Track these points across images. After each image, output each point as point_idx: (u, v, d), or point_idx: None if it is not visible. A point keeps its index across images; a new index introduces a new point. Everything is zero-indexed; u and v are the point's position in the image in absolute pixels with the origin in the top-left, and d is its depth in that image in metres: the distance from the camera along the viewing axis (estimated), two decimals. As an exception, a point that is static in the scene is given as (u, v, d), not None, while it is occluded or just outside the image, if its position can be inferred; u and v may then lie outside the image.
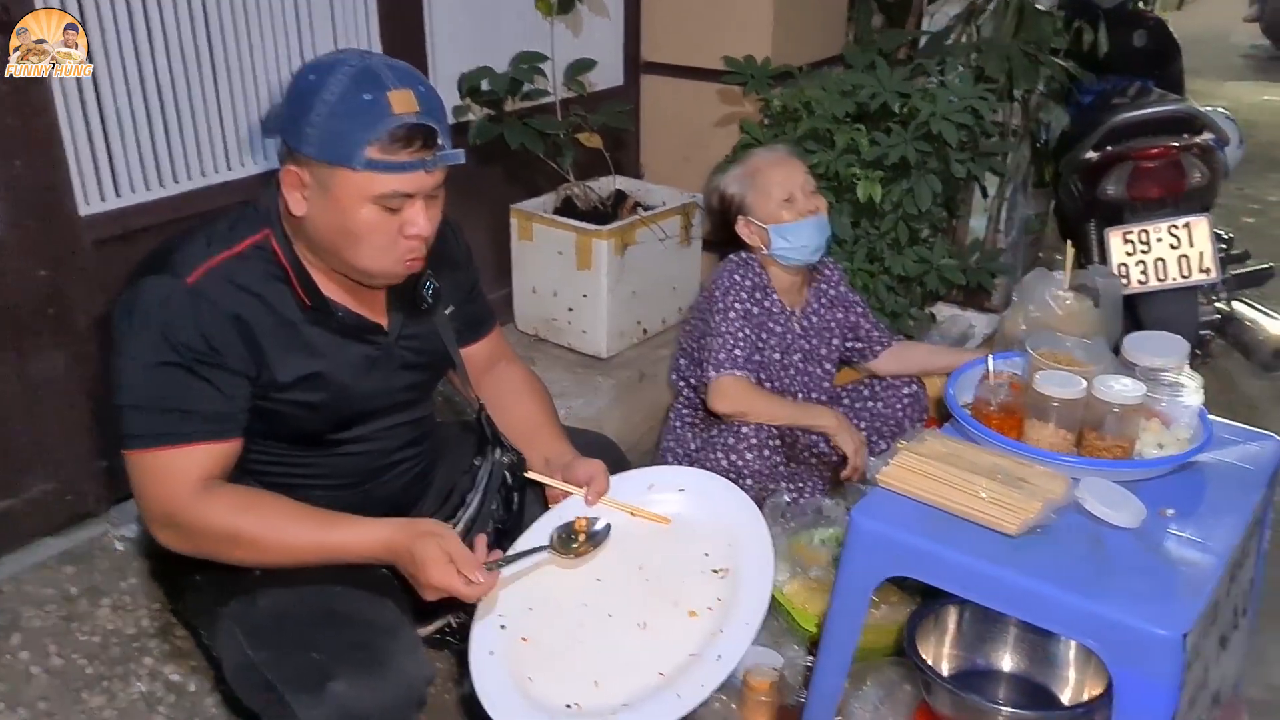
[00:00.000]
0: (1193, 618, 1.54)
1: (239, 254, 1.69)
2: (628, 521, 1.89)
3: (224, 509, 1.63)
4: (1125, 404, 1.85)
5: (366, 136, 1.57)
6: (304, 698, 1.58)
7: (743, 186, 2.54)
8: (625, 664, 1.72)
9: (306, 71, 1.62)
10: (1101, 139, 3.19)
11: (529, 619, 1.78)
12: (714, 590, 1.81)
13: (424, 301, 1.90)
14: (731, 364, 2.40)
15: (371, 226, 1.64)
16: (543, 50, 3.05)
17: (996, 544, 1.69)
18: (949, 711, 1.79)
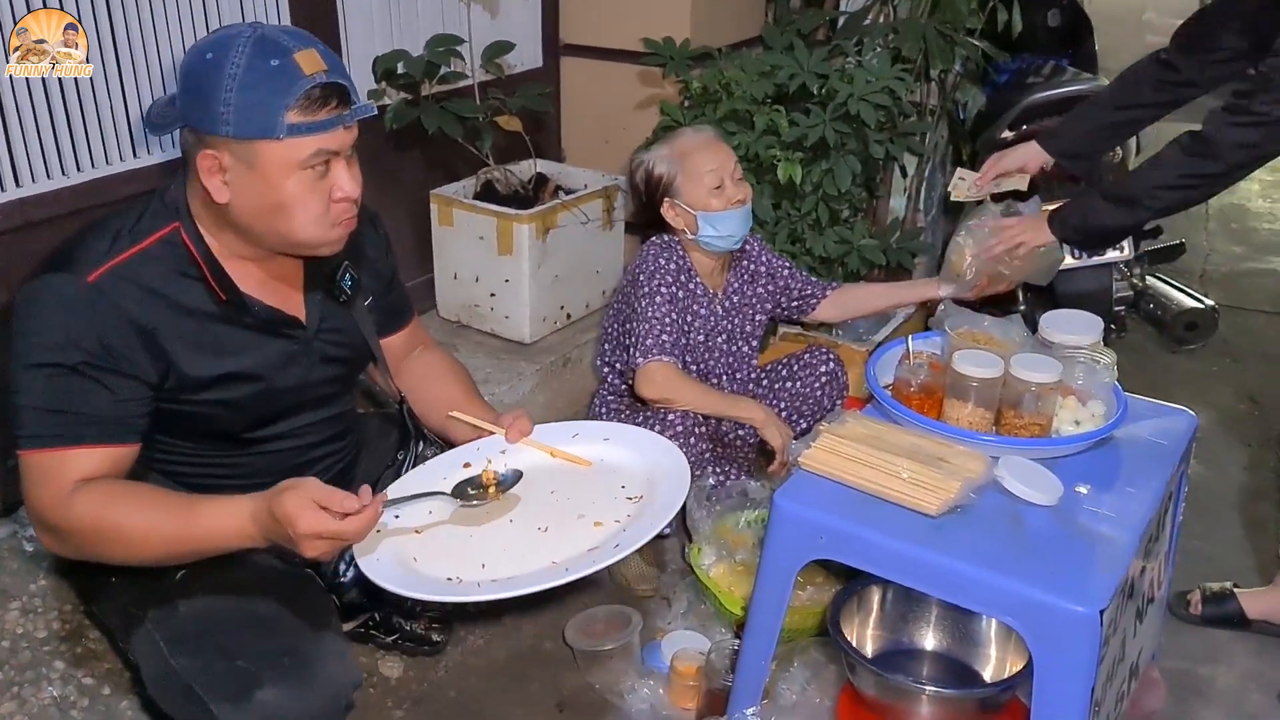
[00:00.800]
0: (1109, 594, 1.57)
1: (145, 250, 1.64)
2: (546, 461, 1.85)
3: (87, 505, 1.56)
4: (1042, 383, 1.88)
5: (284, 102, 1.54)
6: (228, 707, 1.55)
7: (672, 168, 2.49)
8: (518, 554, 1.65)
9: (201, 52, 1.57)
10: (1016, 118, 3.23)
11: (426, 518, 1.72)
12: (624, 509, 1.74)
13: (342, 293, 1.86)
14: (659, 350, 2.38)
15: (302, 195, 1.61)
16: (459, 33, 3.00)
17: (917, 525, 1.70)
18: (873, 691, 1.80)
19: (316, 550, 1.47)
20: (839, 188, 2.89)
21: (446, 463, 1.85)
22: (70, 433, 1.57)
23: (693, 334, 2.53)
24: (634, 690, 2.20)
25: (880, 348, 2.21)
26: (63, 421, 1.57)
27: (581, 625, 2.30)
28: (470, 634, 2.35)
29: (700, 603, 2.41)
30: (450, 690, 2.21)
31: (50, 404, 1.57)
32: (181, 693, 1.60)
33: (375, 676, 2.21)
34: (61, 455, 1.57)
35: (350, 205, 1.68)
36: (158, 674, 1.64)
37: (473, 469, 1.81)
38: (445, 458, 1.87)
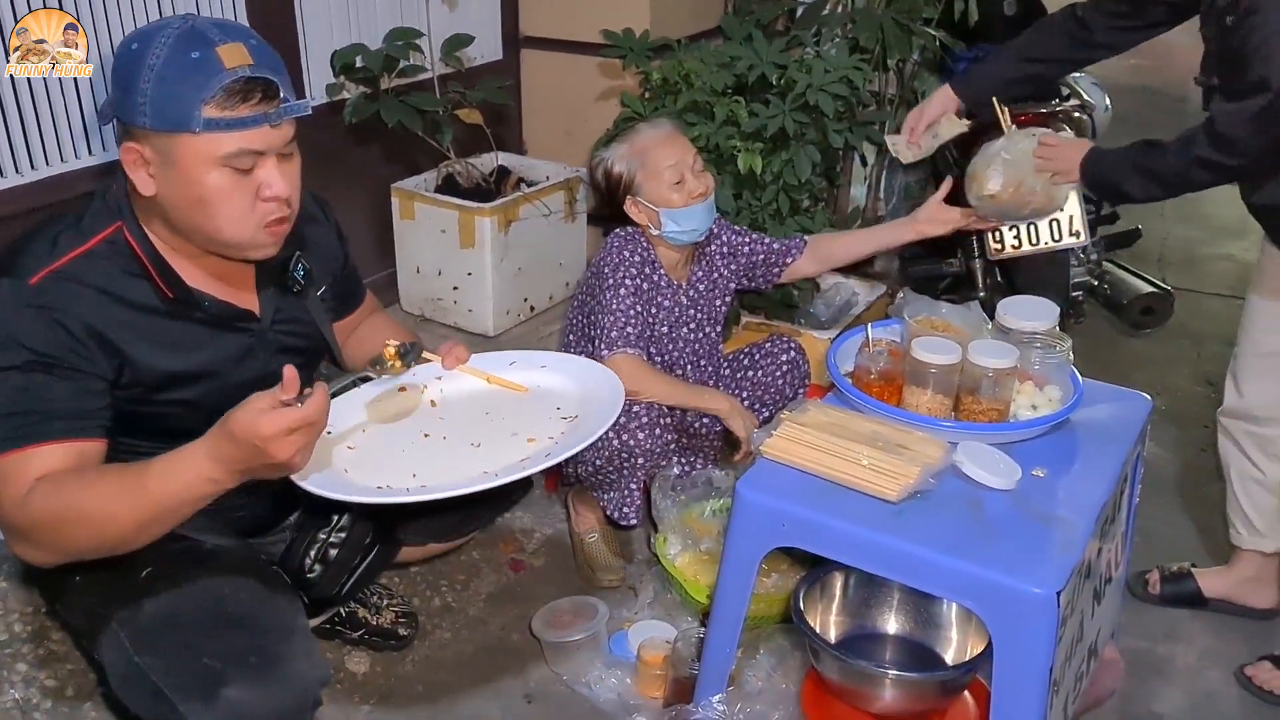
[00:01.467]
0: (1065, 576, 1.59)
1: (89, 251, 1.61)
2: (483, 387, 1.86)
3: (42, 497, 1.50)
4: (999, 368, 1.90)
5: (200, 95, 1.50)
6: (196, 706, 1.54)
7: (631, 166, 2.47)
8: (450, 466, 1.66)
9: (129, 42, 1.54)
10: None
11: (360, 436, 1.73)
12: (559, 427, 1.76)
13: (295, 283, 1.84)
14: (624, 342, 2.38)
15: (223, 191, 1.57)
16: (418, 26, 3.00)
17: (878, 511, 1.72)
18: (836, 676, 1.82)
19: (290, 449, 1.41)
20: (799, 177, 2.90)
21: (381, 387, 1.84)
22: (27, 432, 1.53)
23: (657, 325, 2.54)
24: (601, 680, 2.21)
25: (841, 336, 2.22)
26: (17, 423, 1.53)
27: (548, 617, 2.31)
28: (437, 628, 2.35)
29: (666, 592, 2.43)
30: (418, 684, 2.21)
31: (9, 408, 1.53)
32: (148, 692, 1.58)
33: (342, 672, 2.21)
34: (21, 455, 1.53)
35: (280, 205, 1.63)
36: (124, 674, 1.63)
37: (408, 394, 1.81)
38: (380, 382, 1.85)
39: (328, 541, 1.98)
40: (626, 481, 2.39)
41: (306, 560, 1.97)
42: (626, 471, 2.36)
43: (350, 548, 1.99)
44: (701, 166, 2.51)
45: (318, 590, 1.97)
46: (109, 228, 1.64)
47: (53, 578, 1.78)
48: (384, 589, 2.35)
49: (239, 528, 1.92)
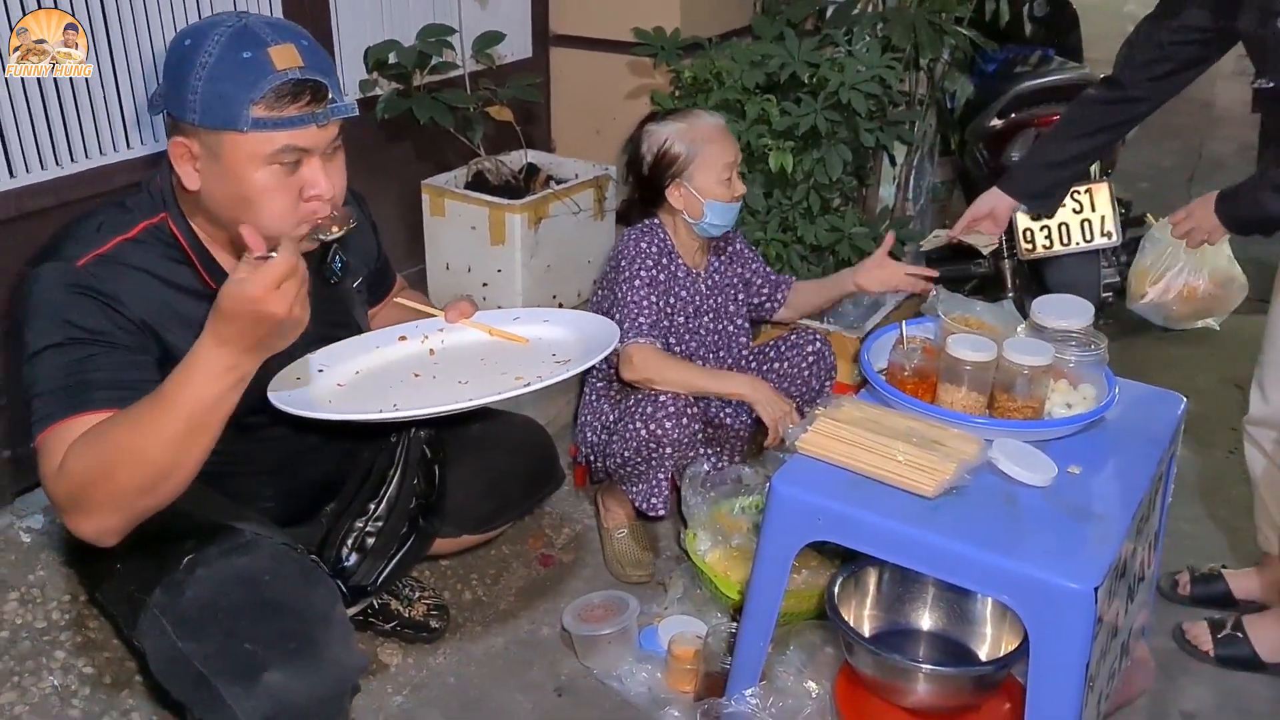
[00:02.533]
0: (1103, 571, 1.59)
1: (133, 238, 1.64)
2: (485, 339, 1.90)
3: (74, 455, 1.50)
4: (1034, 366, 1.90)
5: (250, 95, 1.53)
6: (237, 689, 1.55)
7: (690, 151, 2.46)
8: (434, 397, 1.70)
9: (182, 38, 1.57)
10: (1005, 106, 3.25)
11: (352, 376, 1.76)
12: (550, 369, 1.78)
13: (333, 275, 1.86)
14: (636, 332, 2.39)
15: (268, 189, 1.59)
16: (450, 23, 3.01)
17: (914, 506, 1.73)
18: (870, 671, 1.83)
19: (284, 301, 1.40)
20: (830, 176, 2.91)
21: (382, 336, 1.88)
22: (69, 404, 1.54)
23: (676, 315, 2.54)
24: (632, 674, 2.22)
25: (873, 333, 2.23)
26: (60, 398, 1.54)
27: (578, 611, 2.31)
28: (468, 621, 2.36)
29: (696, 588, 2.43)
30: (449, 676, 2.22)
31: (57, 384, 1.55)
32: (191, 677, 1.60)
33: (375, 663, 2.22)
34: (68, 424, 1.53)
35: (323, 205, 1.65)
36: (165, 658, 1.64)
37: (408, 343, 1.86)
38: (381, 332, 1.89)
39: (364, 531, 2.00)
40: (654, 472, 2.39)
41: (344, 549, 1.99)
42: (654, 462, 2.36)
43: (386, 537, 2.01)
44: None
45: (354, 579, 1.98)
46: (153, 217, 1.67)
47: (93, 565, 1.81)
48: (416, 582, 2.36)
49: (276, 518, 1.94)
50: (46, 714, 1.97)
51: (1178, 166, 5.62)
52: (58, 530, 2.29)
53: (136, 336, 1.61)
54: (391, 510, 2.03)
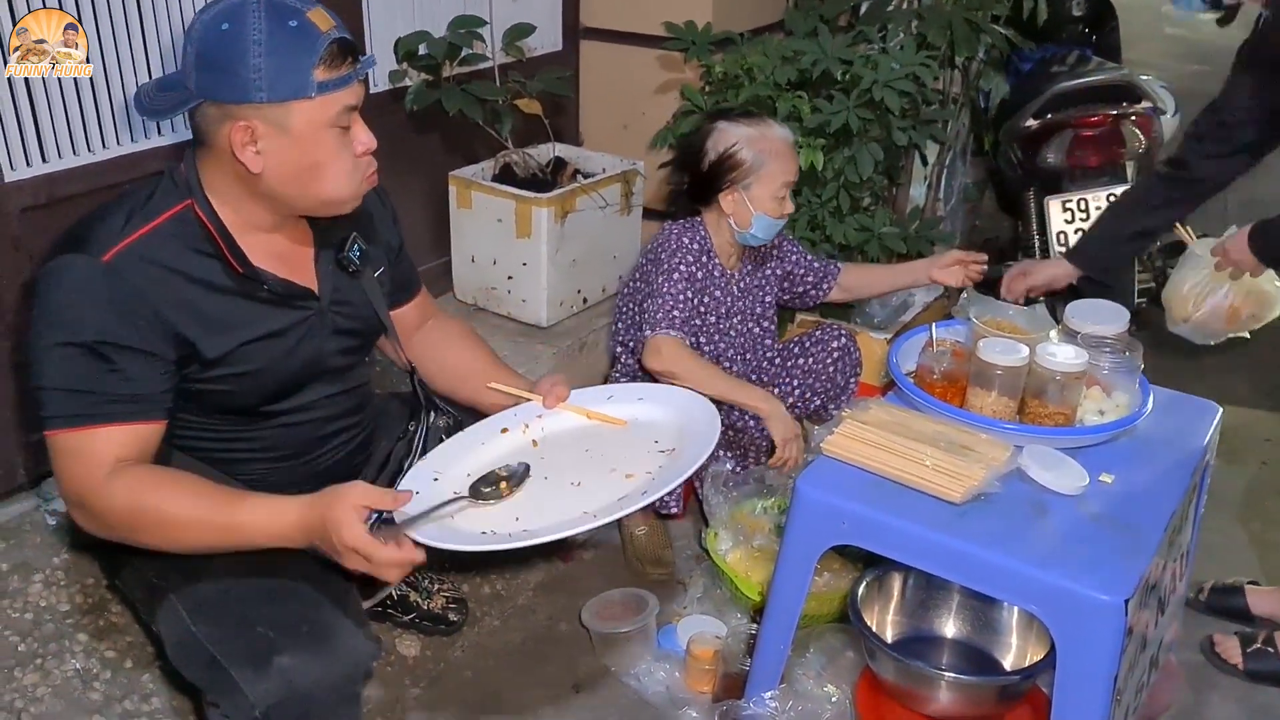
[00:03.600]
0: (1134, 583, 1.56)
1: (158, 227, 1.63)
2: (583, 422, 1.88)
3: (126, 491, 1.56)
4: (1067, 372, 1.87)
5: (310, 61, 1.55)
6: (249, 673, 1.56)
7: (756, 160, 2.44)
8: (551, 507, 1.67)
9: (214, 25, 1.56)
10: (1042, 107, 3.22)
11: (465, 481, 1.73)
12: (656, 461, 1.75)
13: (351, 264, 1.85)
14: (668, 324, 2.37)
15: (334, 151, 1.63)
16: (480, 15, 2.99)
17: (941, 511, 1.70)
18: (892, 677, 1.80)
19: (358, 566, 1.52)
20: (861, 175, 2.88)
21: (484, 430, 1.86)
22: (96, 411, 1.57)
23: (707, 315, 2.53)
24: (650, 673, 2.20)
25: (902, 335, 2.20)
26: (87, 401, 1.56)
27: (597, 608, 2.30)
28: (486, 615, 2.36)
29: (716, 588, 2.41)
30: (466, 670, 2.21)
31: (73, 384, 1.56)
32: (204, 661, 1.60)
33: (393, 655, 2.22)
34: (90, 434, 1.57)
35: (371, 159, 1.70)
36: (180, 643, 1.65)
37: (510, 435, 1.85)
38: (483, 426, 1.88)
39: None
40: None
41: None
42: None
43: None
44: None
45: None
46: (178, 205, 1.66)
47: (113, 552, 1.81)
48: (435, 575, 2.35)
49: None
50: (68, 696, 1.97)
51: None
52: (80, 515, 2.30)
53: (156, 336, 1.61)
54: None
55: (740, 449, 2.63)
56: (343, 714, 1.66)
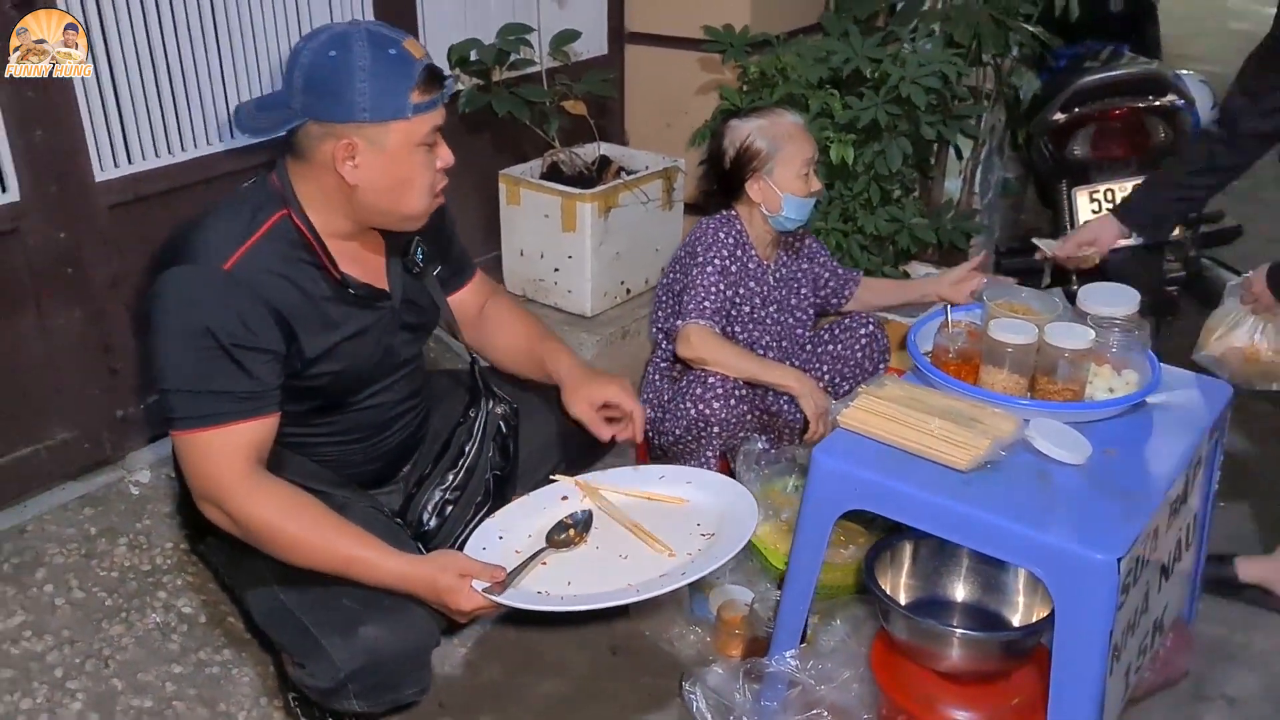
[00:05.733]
0: (1127, 544, 1.66)
1: (264, 236, 1.81)
2: (642, 503, 2.12)
3: (270, 508, 1.74)
4: (1075, 349, 1.97)
5: (407, 85, 1.74)
6: (338, 640, 1.75)
7: (771, 146, 2.58)
8: (599, 574, 1.90)
9: (324, 50, 1.74)
10: (1068, 101, 3.29)
11: (526, 541, 1.97)
12: (696, 543, 1.99)
13: (415, 265, 2.03)
14: (699, 314, 2.50)
15: (421, 168, 1.82)
16: (528, 22, 3.15)
17: (948, 479, 1.81)
18: (905, 636, 1.91)
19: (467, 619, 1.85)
20: (890, 168, 2.98)
21: (547, 495, 2.15)
22: (228, 409, 1.74)
23: (743, 305, 2.65)
24: (682, 636, 2.33)
25: (922, 318, 2.31)
26: (219, 400, 1.74)
27: (635, 577, 2.43)
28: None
29: (747, 559, 2.52)
30: (510, 632, 2.35)
31: (205, 385, 1.74)
32: (294, 627, 1.80)
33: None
34: (223, 431, 1.74)
35: (445, 177, 1.89)
36: (268, 608, 1.85)
37: (570, 501, 2.12)
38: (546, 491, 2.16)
39: (444, 499, 2.16)
40: (704, 450, 2.51)
41: (424, 514, 2.14)
42: (704, 440, 2.48)
43: (464, 505, 2.17)
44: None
45: (434, 542, 2.13)
46: (275, 215, 1.84)
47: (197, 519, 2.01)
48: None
49: (358, 480, 2.11)
50: (149, 646, 2.15)
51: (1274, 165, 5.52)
52: (163, 484, 2.49)
53: (273, 336, 1.79)
54: (469, 480, 2.19)
55: (775, 432, 2.75)
56: (415, 680, 1.88)
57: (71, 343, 2.40)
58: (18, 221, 2.26)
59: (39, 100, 2.23)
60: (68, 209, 2.33)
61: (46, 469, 2.44)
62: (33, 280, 2.32)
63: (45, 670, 2.05)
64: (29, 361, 2.35)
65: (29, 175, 2.26)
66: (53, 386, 2.40)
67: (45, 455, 2.43)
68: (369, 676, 1.78)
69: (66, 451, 2.46)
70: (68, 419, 2.45)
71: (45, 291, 2.34)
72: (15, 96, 2.19)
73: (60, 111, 2.27)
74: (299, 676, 1.85)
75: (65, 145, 2.30)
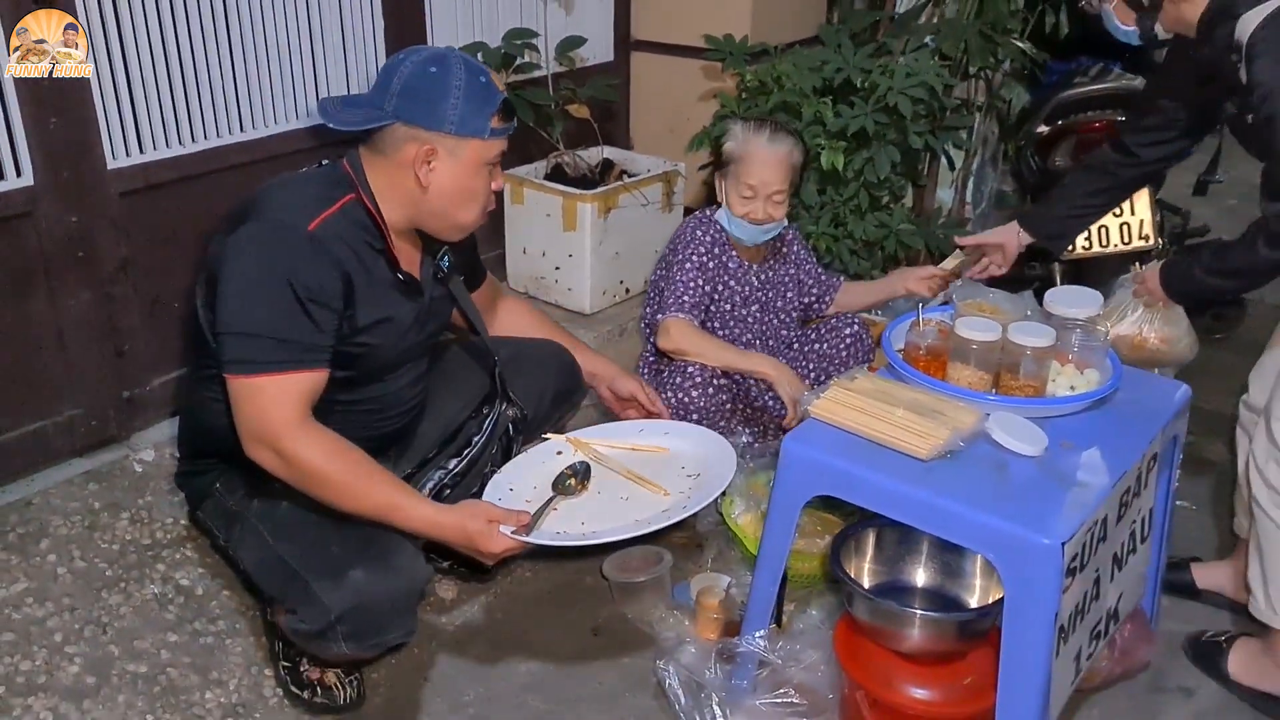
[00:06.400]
0: (1072, 529, 1.73)
1: (340, 211, 1.96)
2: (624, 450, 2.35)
3: (320, 451, 1.88)
4: (1037, 347, 2.05)
5: (490, 110, 1.95)
6: (327, 584, 1.87)
7: (732, 153, 2.68)
8: (608, 514, 2.13)
9: (426, 65, 1.94)
10: (1051, 113, 3.37)
11: (533, 491, 2.19)
12: (686, 483, 2.20)
13: (440, 270, 2.19)
14: (678, 307, 2.61)
15: (484, 185, 2.03)
16: (534, 27, 3.26)
17: (910, 467, 1.89)
18: (867, 617, 1.98)
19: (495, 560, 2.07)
20: (878, 175, 3.08)
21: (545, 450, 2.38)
22: (297, 358, 1.88)
23: (723, 303, 2.74)
24: (663, 620, 2.42)
25: (899, 317, 2.39)
26: (291, 349, 1.87)
27: (618, 562, 2.52)
28: (518, 567, 2.59)
29: (730, 549, 2.62)
30: (497, 613, 2.45)
31: (280, 333, 1.87)
32: (284, 574, 1.92)
33: (432, 596, 2.46)
34: (290, 378, 1.88)
35: (494, 198, 2.09)
36: (260, 560, 1.98)
37: (564, 455, 2.35)
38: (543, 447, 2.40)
39: (443, 481, 2.27)
40: None
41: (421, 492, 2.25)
42: None
43: (461, 491, 2.28)
44: (782, 199, 2.67)
45: None
46: (347, 196, 2.00)
47: (196, 488, 2.14)
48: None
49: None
50: (147, 616, 2.25)
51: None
52: (166, 463, 2.59)
53: (339, 297, 1.93)
54: (469, 470, 2.31)
55: (760, 425, 2.83)
56: (401, 623, 1.98)
57: (81, 324, 2.51)
58: (32, 205, 2.37)
59: (54, 89, 2.34)
60: (80, 195, 2.44)
61: (54, 445, 2.55)
62: (45, 262, 2.43)
63: (45, 635, 2.15)
64: (40, 340, 2.46)
65: (43, 161, 2.37)
66: (62, 365, 2.51)
67: (53, 431, 2.53)
68: (357, 618, 1.88)
69: (73, 428, 2.56)
70: (76, 397, 2.55)
71: (57, 274, 2.45)
72: (30, 84, 2.30)
73: (74, 101, 2.38)
74: (290, 623, 1.96)
75: (79, 134, 2.41)
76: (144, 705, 2.05)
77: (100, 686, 2.07)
